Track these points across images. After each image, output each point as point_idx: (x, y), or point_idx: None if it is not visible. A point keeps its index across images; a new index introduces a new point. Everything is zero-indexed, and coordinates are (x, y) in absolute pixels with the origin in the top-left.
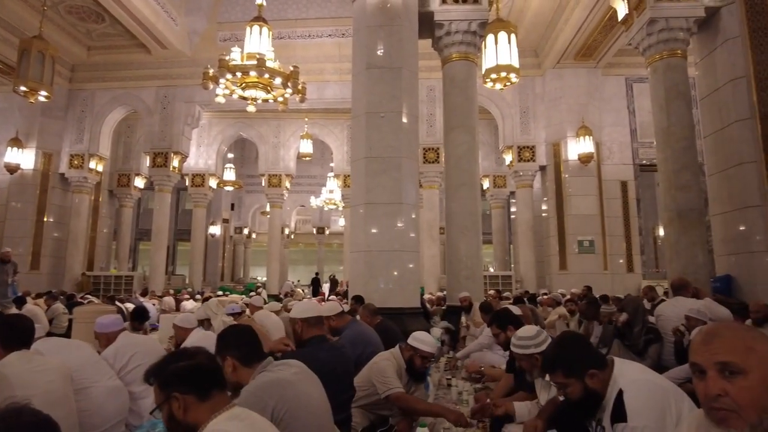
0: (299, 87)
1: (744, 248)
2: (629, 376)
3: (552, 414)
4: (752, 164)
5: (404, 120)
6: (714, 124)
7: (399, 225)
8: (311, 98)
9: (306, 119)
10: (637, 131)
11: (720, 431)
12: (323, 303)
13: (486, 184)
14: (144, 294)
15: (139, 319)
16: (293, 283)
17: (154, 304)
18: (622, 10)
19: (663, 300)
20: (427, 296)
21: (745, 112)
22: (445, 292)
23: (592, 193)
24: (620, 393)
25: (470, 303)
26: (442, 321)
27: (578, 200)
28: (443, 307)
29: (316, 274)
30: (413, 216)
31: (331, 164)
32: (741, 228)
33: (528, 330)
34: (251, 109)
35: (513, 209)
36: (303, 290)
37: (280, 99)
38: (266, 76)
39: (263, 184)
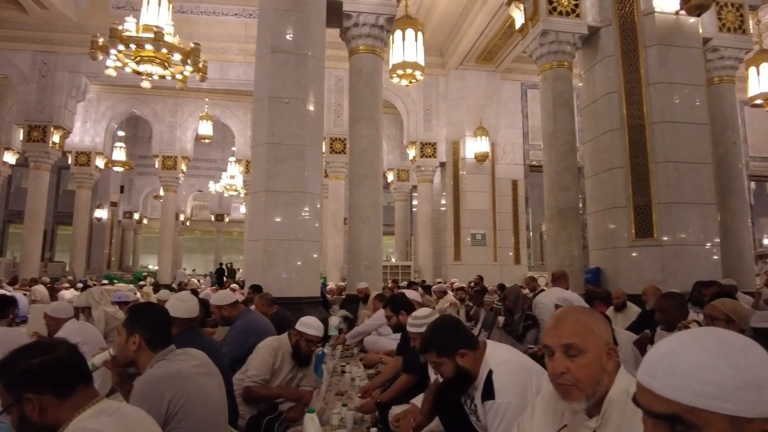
0: (200, 65)
1: (611, 244)
2: (498, 357)
3: (432, 400)
4: (620, 169)
5: (309, 108)
6: (592, 131)
7: (301, 214)
8: (213, 78)
9: (207, 99)
10: (529, 134)
11: (565, 402)
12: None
13: (390, 177)
14: (13, 283)
15: (1, 309)
16: (186, 271)
17: (25, 294)
18: (519, 19)
19: (543, 290)
20: (330, 286)
21: (616, 122)
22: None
23: (486, 190)
24: (490, 373)
25: (366, 294)
26: (341, 310)
27: (473, 196)
28: (343, 297)
29: (221, 264)
30: (316, 205)
31: (233, 148)
32: (610, 226)
33: (423, 311)
34: (146, 85)
35: (415, 202)
36: (199, 280)
37: (179, 76)
38: (164, 51)
39: (157, 166)
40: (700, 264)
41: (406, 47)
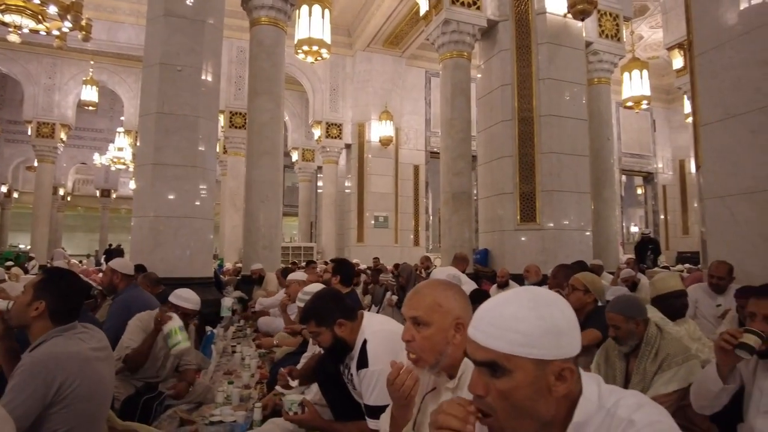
0: (82, 23)
1: (498, 227)
2: (373, 326)
3: (310, 368)
4: (509, 158)
5: (205, 78)
6: (486, 121)
7: (192, 189)
8: (100, 39)
9: (92, 62)
10: (431, 121)
11: (418, 368)
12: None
13: (295, 156)
14: None
15: None
16: (67, 251)
17: None
18: (424, 6)
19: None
20: (227, 267)
21: (508, 114)
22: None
23: (390, 173)
24: (365, 342)
25: (261, 275)
26: (235, 291)
27: (377, 179)
28: (238, 277)
29: (110, 245)
30: (210, 181)
31: (122, 118)
32: (498, 211)
33: (312, 286)
34: (14, 39)
35: (320, 183)
36: (81, 261)
37: (56, 32)
38: (36, 1)
39: (30, 134)
40: (575, 246)
41: (312, 23)
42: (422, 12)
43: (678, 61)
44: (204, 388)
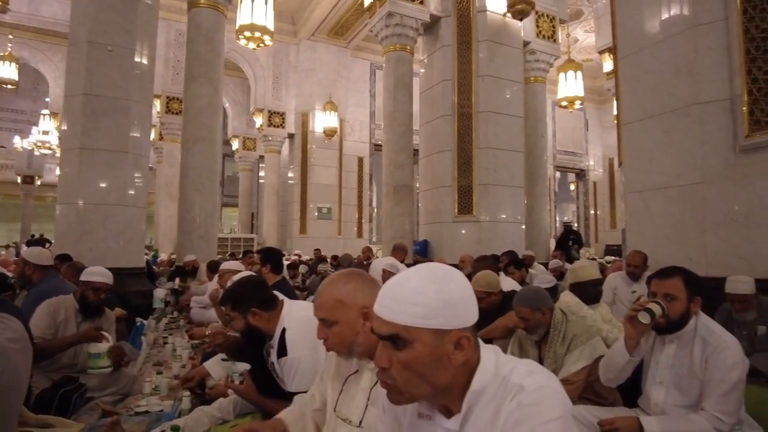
0: None
1: (438, 219)
2: (293, 315)
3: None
4: (449, 152)
5: (139, 59)
6: (427, 115)
7: (123, 176)
8: (20, 11)
9: (10, 36)
10: (376, 114)
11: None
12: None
13: (236, 145)
14: None
15: None
16: None
17: None
18: None
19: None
20: (161, 258)
21: (448, 109)
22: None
23: (334, 165)
24: (284, 331)
25: (195, 266)
26: (168, 282)
27: (321, 170)
28: (171, 268)
29: (33, 235)
30: (142, 168)
31: (47, 99)
32: (438, 203)
33: (242, 275)
34: None
35: (261, 173)
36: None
37: None
38: None
39: None
40: (509, 238)
41: (255, 9)
42: (366, 3)
43: (608, 65)
44: (129, 379)
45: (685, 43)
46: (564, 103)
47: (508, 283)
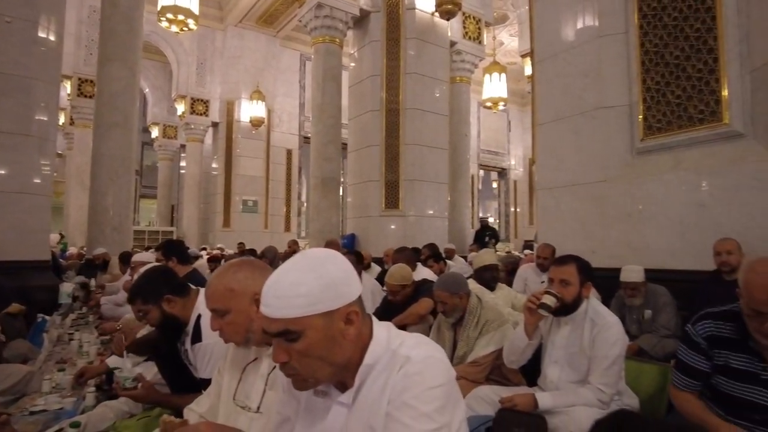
0: None
1: (365, 213)
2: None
3: (144, 341)
4: (377, 147)
5: (43, 35)
6: (356, 109)
7: (26, 162)
8: None
9: None
10: (305, 106)
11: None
12: None
13: (155, 132)
14: None
15: None
16: None
17: None
18: None
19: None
20: (71, 251)
21: (377, 104)
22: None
23: (260, 156)
24: (199, 317)
25: (105, 260)
26: (77, 276)
27: (247, 161)
28: (81, 261)
29: None
30: (48, 154)
31: None
32: (365, 197)
33: (152, 266)
34: None
35: (183, 163)
36: None
37: None
38: None
39: None
40: (432, 232)
41: None
42: None
43: (529, 68)
44: (25, 378)
45: (592, 51)
46: (488, 104)
47: (425, 274)
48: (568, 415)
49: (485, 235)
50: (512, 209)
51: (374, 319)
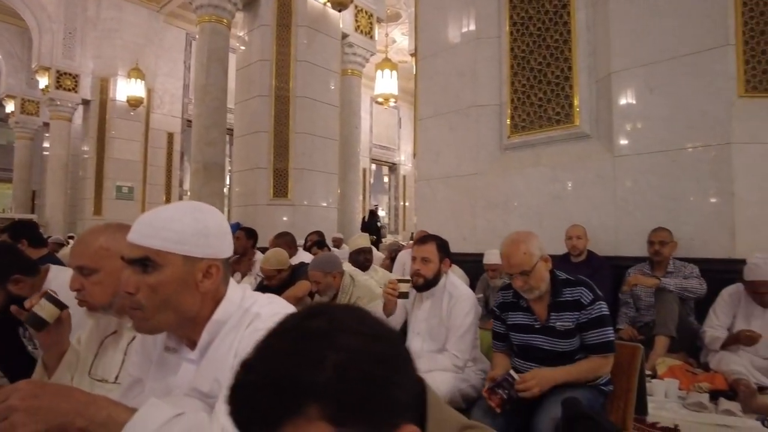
0: None
1: (252, 201)
2: (60, 280)
3: None
4: (265, 134)
5: None
6: (244, 93)
7: None
8: None
9: None
10: (190, 87)
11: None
12: None
13: (11, 107)
14: None
15: None
16: None
17: None
18: None
19: None
20: None
21: (266, 89)
22: None
23: (138, 139)
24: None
25: None
26: None
27: (122, 144)
28: None
29: None
30: None
31: None
32: (252, 185)
33: None
34: None
35: (46, 144)
36: None
37: None
38: None
39: None
40: (321, 221)
41: None
42: None
43: None
44: None
45: (469, 53)
46: (380, 99)
47: (304, 258)
48: (425, 379)
49: (376, 222)
50: (402, 203)
51: (232, 280)
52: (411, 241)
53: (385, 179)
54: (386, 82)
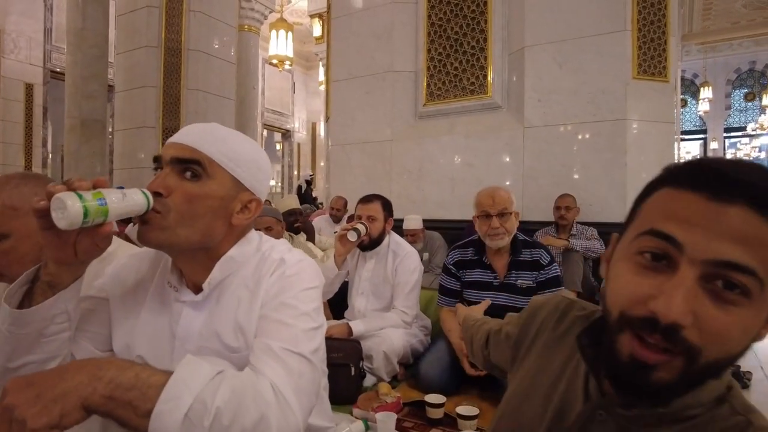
0: None
1: (137, 164)
2: None
3: None
4: (153, 89)
5: None
6: (127, 43)
7: None
8: None
9: None
10: (54, 33)
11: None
12: None
13: None
14: None
15: None
16: None
17: None
18: None
19: None
20: None
21: (154, 40)
22: None
23: None
24: None
25: None
26: None
27: None
28: None
29: None
30: None
31: None
32: (138, 146)
33: None
34: None
35: None
36: None
37: None
38: None
39: None
40: None
41: None
42: None
43: (317, 29)
44: None
45: (386, 15)
46: (274, 61)
47: None
48: (380, 336)
49: (311, 192)
50: (295, 172)
51: (255, 231)
52: (322, 207)
53: (277, 146)
54: (281, 44)
